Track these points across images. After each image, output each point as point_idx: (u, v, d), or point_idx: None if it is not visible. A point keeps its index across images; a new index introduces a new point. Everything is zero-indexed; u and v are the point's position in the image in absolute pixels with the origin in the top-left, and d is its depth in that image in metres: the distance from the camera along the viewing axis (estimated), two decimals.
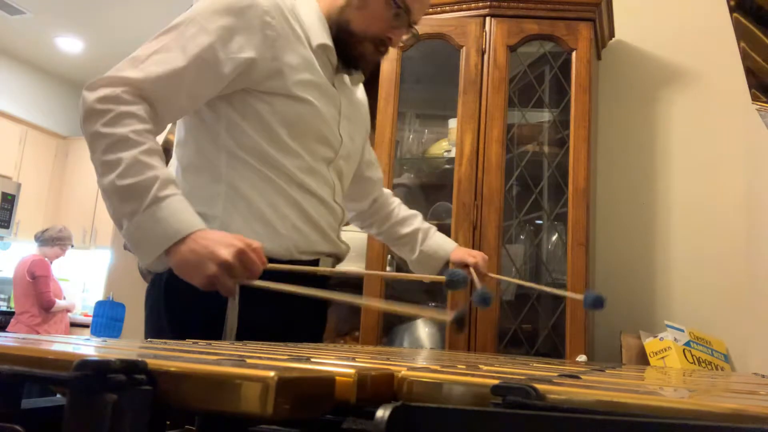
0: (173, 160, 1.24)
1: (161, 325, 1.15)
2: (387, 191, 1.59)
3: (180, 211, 1.02)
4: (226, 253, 0.97)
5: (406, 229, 1.53)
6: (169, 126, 1.73)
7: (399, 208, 1.57)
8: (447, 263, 1.48)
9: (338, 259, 1.32)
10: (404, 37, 1.30)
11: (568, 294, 1.35)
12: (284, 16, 1.17)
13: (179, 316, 1.13)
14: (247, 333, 1.05)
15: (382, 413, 0.32)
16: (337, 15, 1.23)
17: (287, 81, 1.16)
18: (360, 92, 1.42)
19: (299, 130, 1.18)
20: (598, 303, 1.24)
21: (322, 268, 1.24)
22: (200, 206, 1.10)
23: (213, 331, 1.07)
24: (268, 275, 1.02)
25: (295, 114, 1.17)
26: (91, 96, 1.04)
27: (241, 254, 0.98)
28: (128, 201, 1.00)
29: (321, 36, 1.22)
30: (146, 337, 1.17)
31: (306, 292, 1.03)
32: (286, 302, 1.10)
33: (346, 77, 1.32)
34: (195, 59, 1.08)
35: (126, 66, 1.07)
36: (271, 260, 1.06)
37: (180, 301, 1.11)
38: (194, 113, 1.18)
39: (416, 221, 1.55)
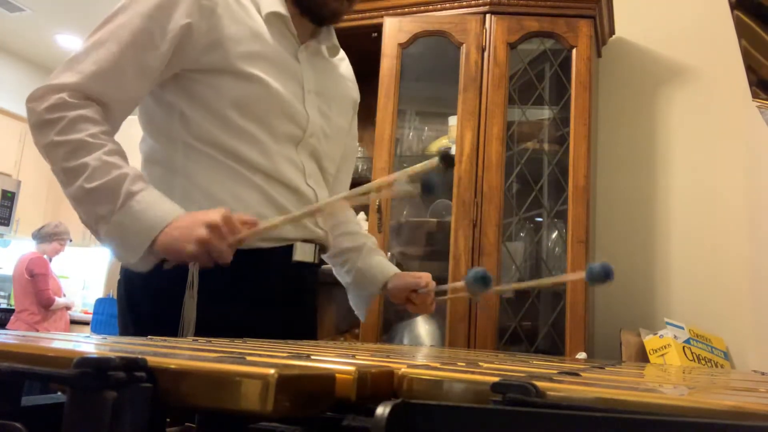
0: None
1: (125, 320, 1.13)
2: (351, 210, 1.46)
3: (156, 201, 1.00)
4: (212, 216, 0.95)
5: (348, 243, 1.38)
6: None
7: (354, 224, 1.42)
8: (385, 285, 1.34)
9: (322, 246, 1.24)
10: None
11: (561, 278, 1.13)
12: None
13: (138, 310, 1.10)
14: (205, 329, 0.99)
15: (382, 410, 0.32)
16: None
17: (228, 54, 1.09)
18: (344, 67, 1.35)
19: (252, 111, 1.11)
20: (605, 274, 1.02)
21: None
22: None
23: (171, 326, 1.02)
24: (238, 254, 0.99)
25: (244, 94, 1.10)
26: (38, 107, 1.01)
27: (225, 216, 0.96)
28: (101, 203, 0.98)
29: (272, 4, 1.16)
30: (119, 332, 1.15)
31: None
32: (248, 297, 1.08)
33: (324, 49, 1.25)
34: (130, 47, 1.05)
35: (64, 70, 1.05)
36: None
37: (139, 294, 1.09)
38: (145, 108, 1.15)
39: (366, 239, 1.40)
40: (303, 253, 1.17)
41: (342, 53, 1.35)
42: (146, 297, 1.09)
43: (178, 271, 1.02)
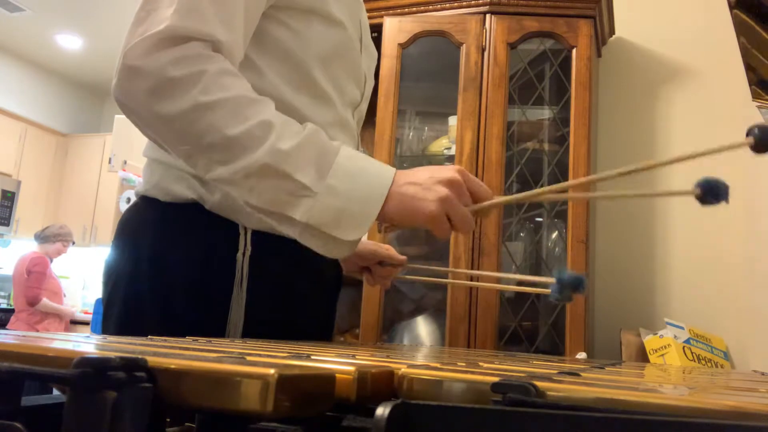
0: None
1: (143, 318, 0.88)
2: None
3: (363, 156, 0.80)
4: (449, 172, 0.77)
5: None
6: None
7: None
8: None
9: None
10: None
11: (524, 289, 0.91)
12: None
13: (170, 300, 0.87)
14: (251, 327, 0.89)
15: (382, 411, 0.32)
16: None
17: None
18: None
19: (332, 69, 0.90)
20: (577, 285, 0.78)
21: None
22: None
23: (213, 323, 0.88)
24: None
25: (332, 44, 0.89)
26: (153, 62, 0.73)
27: (463, 173, 0.79)
28: (305, 167, 0.74)
29: None
30: (107, 313, 0.94)
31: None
32: (294, 293, 0.95)
33: None
34: None
35: (186, 12, 0.75)
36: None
37: (174, 280, 0.87)
38: None
39: None
40: None
41: None
42: (188, 293, 0.88)
43: (226, 266, 0.87)
